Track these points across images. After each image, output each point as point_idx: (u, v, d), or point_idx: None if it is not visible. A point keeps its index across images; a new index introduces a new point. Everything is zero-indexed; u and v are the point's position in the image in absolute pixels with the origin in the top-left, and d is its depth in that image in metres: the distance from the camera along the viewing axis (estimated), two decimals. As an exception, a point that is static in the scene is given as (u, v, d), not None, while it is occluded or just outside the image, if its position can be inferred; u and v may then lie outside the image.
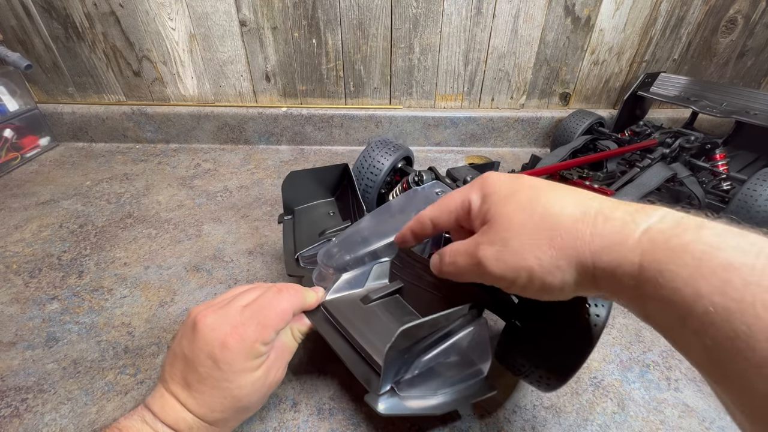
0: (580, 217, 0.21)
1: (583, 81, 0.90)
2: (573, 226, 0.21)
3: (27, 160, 0.81)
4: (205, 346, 0.28)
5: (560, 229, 0.21)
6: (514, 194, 0.24)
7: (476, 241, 0.25)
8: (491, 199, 0.25)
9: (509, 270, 0.23)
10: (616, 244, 0.19)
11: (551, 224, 0.21)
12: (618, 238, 0.19)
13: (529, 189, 0.24)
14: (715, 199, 0.62)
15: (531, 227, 0.22)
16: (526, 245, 0.22)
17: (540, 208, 0.22)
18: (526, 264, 0.22)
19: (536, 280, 0.22)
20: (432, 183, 0.49)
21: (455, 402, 0.33)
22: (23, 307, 0.48)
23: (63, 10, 0.76)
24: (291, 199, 0.51)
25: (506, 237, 0.23)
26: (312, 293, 0.36)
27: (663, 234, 0.18)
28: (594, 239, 0.20)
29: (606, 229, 0.20)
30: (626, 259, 0.19)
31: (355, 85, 0.87)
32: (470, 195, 0.27)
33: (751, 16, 0.83)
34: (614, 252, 0.19)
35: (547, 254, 0.21)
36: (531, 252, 0.22)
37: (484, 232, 0.25)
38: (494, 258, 0.23)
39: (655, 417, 0.38)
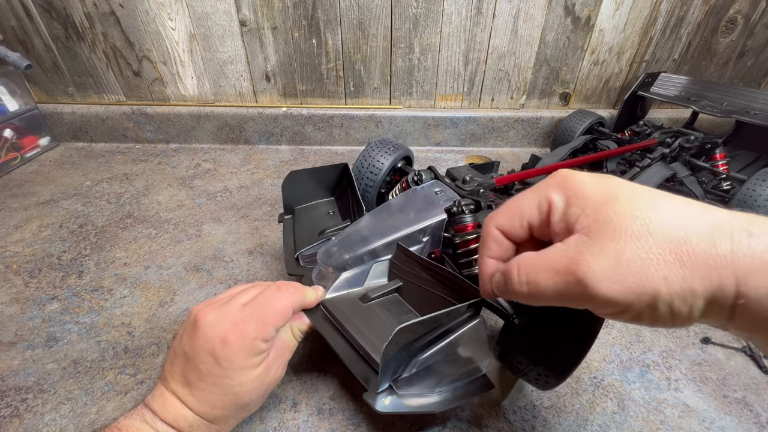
0: (710, 232, 0.17)
1: (583, 81, 0.90)
2: (706, 241, 0.17)
3: (27, 160, 0.81)
4: (205, 343, 0.28)
5: (689, 244, 0.17)
6: (615, 198, 0.19)
7: (570, 255, 0.19)
8: (584, 203, 0.20)
9: (626, 292, 0.18)
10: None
11: (676, 239, 0.17)
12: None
13: (630, 191, 0.20)
14: (715, 199, 0.62)
15: (648, 240, 0.18)
16: (648, 263, 0.17)
17: (654, 218, 0.18)
18: (649, 285, 0.17)
19: (661, 306, 0.18)
20: (431, 182, 0.49)
21: (453, 400, 0.33)
22: (23, 307, 0.48)
23: (63, 10, 0.76)
24: (291, 199, 0.51)
25: (619, 249, 0.18)
26: (312, 291, 0.36)
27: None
28: (736, 258, 0.16)
29: (752, 247, 0.16)
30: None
31: (355, 85, 0.87)
32: (550, 195, 0.22)
33: (751, 16, 0.83)
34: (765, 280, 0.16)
35: (677, 274, 0.17)
36: (656, 271, 0.17)
37: (581, 242, 0.19)
38: (604, 276, 0.18)
39: (655, 417, 0.38)
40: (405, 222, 0.41)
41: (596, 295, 0.19)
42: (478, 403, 0.38)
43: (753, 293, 0.16)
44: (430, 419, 0.37)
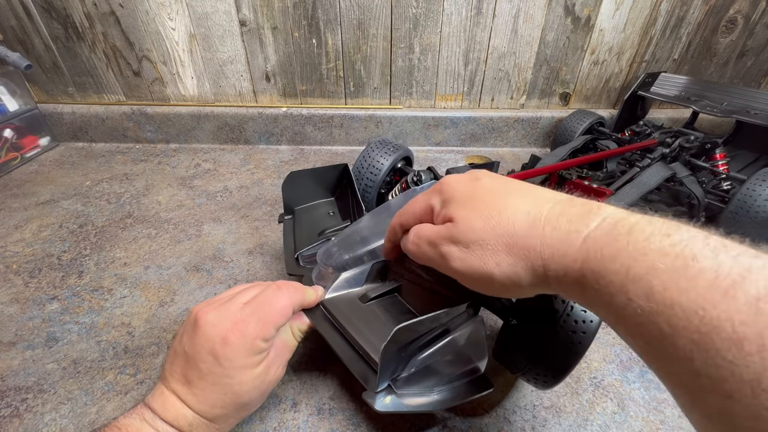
0: (531, 225, 0.23)
1: (583, 81, 0.90)
2: (526, 234, 0.22)
3: (27, 160, 0.81)
4: (206, 342, 0.28)
5: (515, 236, 0.23)
6: (473, 198, 0.26)
7: (440, 234, 0.26)
8: (451, 204, 0.27)
9: (471, 271, 0.25)
10: (560, 254, 0.21)
11: (507, 231, 0.23)
12: (562, 247, 0.21)
13: (486, 193, 0.26)
14: (715, 199, 0.62)
15: (489, 233, 0.24)
16: (486, 251, 0.24)
17: (496, 214, 0.24)
18: (486, 268, 0.24)
19: (496, 282, 0.24)
20: (431, 183, 0.49)
21: (452, 399, 0.33)
22: (23, 307, 0.48)
23: (63, 10, 0.76)
24: (291, 199, 0.51)
25: (468, 239, 0.24)
26: (311, 291, 0.36)
27: (597, 242, 0.20)
28: (543, 249, 0.22)
29: (552, 238, 0.21)
30: (570, 267, 0.20)
31: (355, 85, 0.87)
32: (431, 200, 0.29)
33: (751, 16, 0.83)
34: (559, 261, 0.21)
35: (505, 261, 0.23)
36: (491, 258, 0.23)
37: (448, 228, 0.26)
38: (458, 257, 0.25)
39: (655, 417, 0.38)
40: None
41: (452, 268, 0.26)
42: (477, 403, 0.38)
43: (552, 273, 0.21)
44: (430, 419, 0.37)
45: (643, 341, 0.18)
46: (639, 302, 0.17)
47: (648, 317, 0.17)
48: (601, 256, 0.19)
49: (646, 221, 0.19)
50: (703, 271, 0.16)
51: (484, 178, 0.27)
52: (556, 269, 0.21)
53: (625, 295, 0.18)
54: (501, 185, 0.27)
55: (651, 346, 0.17)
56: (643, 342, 0.18)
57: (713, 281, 0.16)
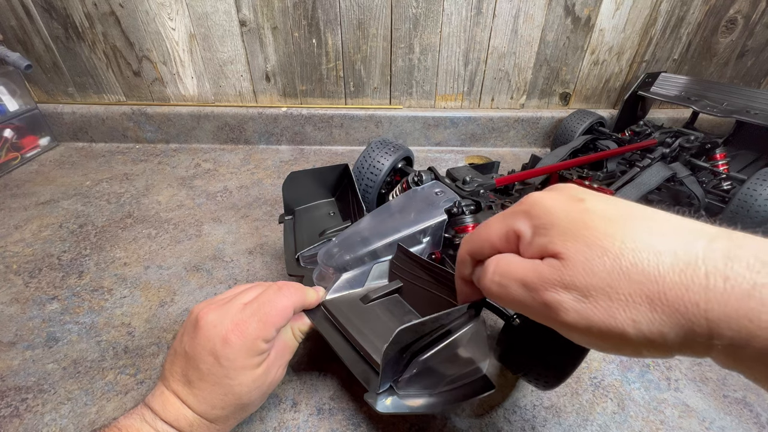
0: (685, 271, 0.16)
1: (583, 81, 0.90)
2: (678, 283, 0.16)
3: (27, 160, 0.81)
4: (206, 342, 0.28)
5: (662, 285, 0.17)
6: (584, 228, 0.19)
7: (542, 276, 0.20)
8: (551, 233, 0.20)
9: (593, 328, 0.18)
10: (743, 317, 0.15)
11: (648, 278, 0.17)
12: (747, 307, 0.15)
13: (601, 221, 0.19)
14: (715, 199, 0.62)
15: (619, 278, 0.17)
16: (617, 303, 0.17)
17: (627, 252, 0.18)
18: (617, 326, 0.18)
19: (629, 342, 0.18)
20: (431, 183, 0.49)
21: (454, 400, 0.33)
22: (23, 307, 0.48)
23: (63, 10, 0.76)
24: (292, 200, 0.51)
25: (587, 285, 0.18)
26: (312, 292, 0.36)
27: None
28: (711, 305, 0.16)
29: (728, 293, 0.15)
30: (756, 339, 0.15)
31: (355, 85, 0.87)
32: (516, 225, 0.22)
33: (751, 16, 0.83)
34: (742, 326, 0.15)
35: (646, 317, 0.17)
36: (625, 312, 0.17)
37: (553, 266, 0.19)
38: (572, 309, 0.19)
39: (655, 417, 0.38)
40: (405, 223, 0.41)
41: (562, 322, 0.19)
42: (478, 403, 0.38)
43: (726, 340, 0.16)
44: (430, 419, 0.37)
45: None
46: None
47: None
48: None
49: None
50: None
51: (590, 199, 0.20)
52: (733, 336, 0.15)
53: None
54: (619, 210, 0.20)
55: None
56: None
57: None
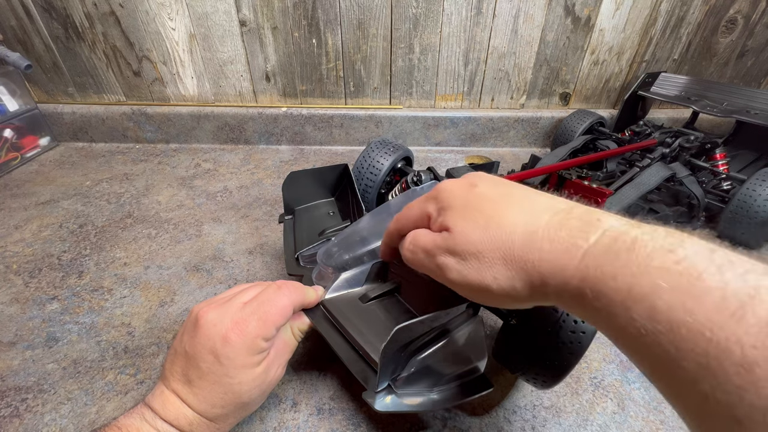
0: (528, 238, 0.22)
1: (583, 81, 0.90)
2: (523, 247, 0.22)
3: (27, 160, 0.81)
4: (207, 341, 0.28)
5: (513, 249, 0.22)
6: (470, 207, 0.25)
7: (437, 244, 0.26)
8: (447, 213, 0.26)
9: (468, 283, 0.24)
10: (558, 269, 0.20)
11: (505, 244, 0.23)
12: (561, 262, 0.20)
13: (483, 201, 0.25)
14: (715, 199, 0.62)
15: (487, 245, 0.23)
16: (483, 264, 0.23)
17: (493, 225, 0.23)
18: (484, 281, 0.23)
19: (493, 294, 0.23)
20: (430, 183, 0.49)
21: (452, 399, 0.33)
22: (23, 307, 0.48)
23: (63, 10, 0.76)
24: (291, 199, 0.51)
25: (465, 251, 0.24)
26: (312, 291, 0.36)
27: (597, 259, 0.19)
28: (541, 264, 0.21)
29: (550, 252, 0.21)
30: (568, 283, 0.20)
31: (355, 85, 0.87)
32: (428, 206, 0.28)
33: (751, 16, 0.83)
34: (558, 277, 0.20)
35: (503, 274, 0.23)
36: (489, 271, 0.23)
37: (444, 237, 0.26)
38: (455, 269, 0.25)
39: (655, 417, 0.38)
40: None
41: (447, 280, 0.25)
42: (477, 402, 0.38)
43: (551, 288, 0.21)
44: (430, 419, 0.37)
45: (648, 361, 0.17)
46: (642, 322, 0.17)
47: (652, 338, 0.16)
48: (602, 273, 0.18)
49: (648, 235, 0.18)
50: (710, 291, 0.15)
51: (481, 185, 0.27)
52: (555, 284, 0.21)
53: (627, 314, 0.17)
54: (499, 193, 0.26)
55: (655, 366, 0.17)
56: (647, 362, 0.18)
57: (720, 302, 0.15)
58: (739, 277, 0.15)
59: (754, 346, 0.14)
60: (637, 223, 0.20)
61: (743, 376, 0.14)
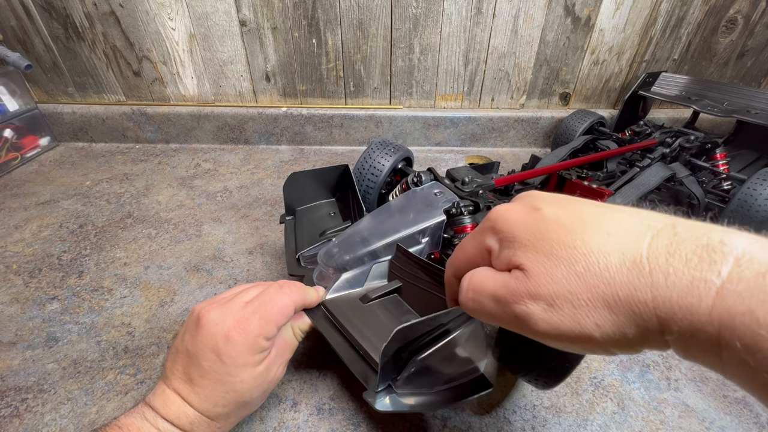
0: (632, 273, 0.17)
1: (583, 81, 0.90)
2: (628, 284, 0.17)
3: (27, 160, 0.81)
4: (209, 340, 0.28)
5: (614, 287, 0.18)
6: (541, 237, 0.20)
7: (510, 289, 0.21)
8: (514, 245, 0.21)
9: (563, 333, 0.19)
10: (685, 312, 0.16)
11: (602, 281, 0.18)
12: (686, 303, 0.16)
13: (555, 228, 0.20)
14: (715, 199, 0.62)
15: (579, 285, 0.18)
16: (579, 309, 0.18)
17: (580, 257, 0.19)
18: (585, 331, 0.19)
19: (596, 345, 0.19)
20: (431, 184, 0.49)
21: (452, 399, 0.33)
22: (23, 307, 0.48)
23: (63, 10, 0.76)
24: (292, 200, 0.51)
25: (551, 295, 0.19)
26: (313, 291, 0.36)
27: (744, 301, 0.15)
28: (658, 305, 0.17)
29: (669, 289, 0.16)
30: (701, 331, 0.16)
31: (355, 85, 0.87)
32: (486, 241, 0.23)
33: (751, 16, 0.83)
34: (684, 322, 0.16)
35: (607, 320, 0.18)
36: (588, 317, 0.18)
37: (518, 279, 0.20)
38: (542, 319, 0.19)
39: (655, 417, 0.38)
40: (405, 223, 0.41)
41: (534, 332, 0.20)
42: (478, 403, 0.38)
43: (675, 335, 0.16)
44: (430, 419, 0.37)
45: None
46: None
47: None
48: (756, 322, 0.15)
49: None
50: None
51: (545, 207, 0.22)
52: (681, 331, 0.16)
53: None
54: (571, 214, 0.21)
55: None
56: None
57: None
58: None
59: None
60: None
61: None
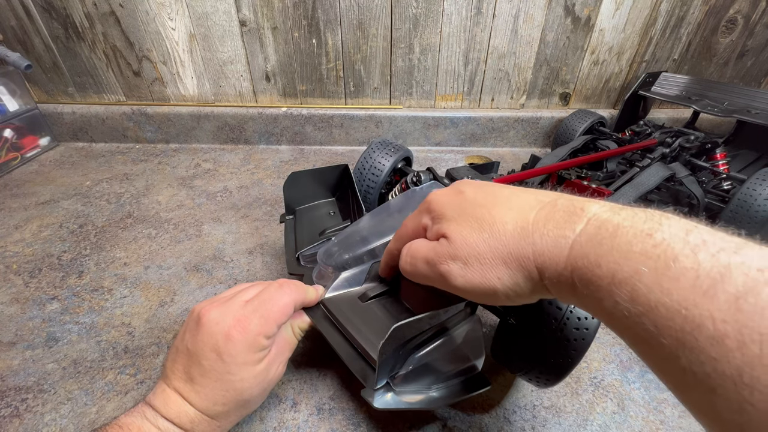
0: (520, 235, 0.23)
1: (583, 81, 0.90)
2: (517, 244, 0.23)
3: (27, 160, 0.81)
4: (209, 339, 0.29)
5: (508, 247, 0.23)
6: (462, 212, 0.26)
7: (436, 251, 0.26)
8: (442, 221, 0.27)
9: (475, 287, 0.24)
10: (552, 262, 0.21)
11: (500, 243, 0.23)
12: (552, 255, 0.21)
13: (473, 205, 0.26)
14: (715, 199, 0.62)
15: (484, 247, 0.24)
16: (485, 266, 0.24)
17: (487, 227, 0.24)
18: (489, 284, 0.24)
19: (500, 294, 0.24)
20: (430, 183, 0.49)
21: (449, 397, 0.33)
22: (23, 307, 0.48)
23: (63, 10, 0.76)
24: (292, 199, 0.51)
25: (465, 256, 0.24)
26: (312, 290, 0.36)
27: (583, 248, 0.20)
28: (536, 257, 0.22)
29: (542, 246, 0.22)
30: (561, 274, 0.21)
31: (355, 85, 0.87)
32: (422, 219, 0.29)
33: (751, 16, 0.83)
34: (552, 269, 0.21)
35: (505, 273, 0.23)
36: (491, 272, 0.23)
37: (443, 245, 0.26)
38: (459, 275, 0.25)
39: (655, 417, 0.38)
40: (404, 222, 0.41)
41: (453, 287, 0.25)
42: (477, 402, 0.38)
43: (547, 281, 0.22)
44: (429, 419, 0.37)
45: (634, 341, 0.19)
46: (625, 305, 0.18)
47: (635, 319, 0.17)
48: (588, 262, 0.19)
49: (629, 221, 0.19)
50: (684, 272, 0.16)
51: (467, 190, 0.27)
52: (550, 277, 0.21)
53: (612, 299, 0.18)
54: (486, 195, 0.26)
55: (641, 345, 0.18)
56: (633, 341, 0.19)
57: (694, 281, 0.16)
58: (711, 257, 0.16)
59: (724, 320, 0.15)
60: (620, 208, 0.21)
61: (715, 348, 0.15)
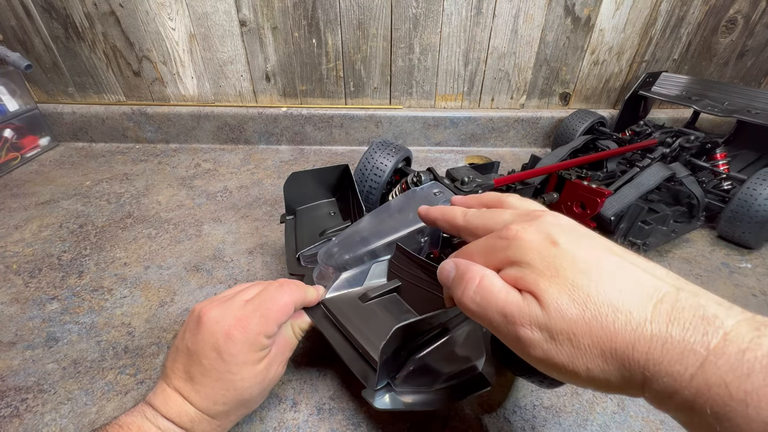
0: (634, 334, 0.18)
1: (583, 81, 0.90)
2: (628, 343, 0.18)
3: (27, 160, 0.81)
4: (209, 338, 0.29)
5: (615, 341, 0.19)
6: (558, 273, 0.21)
7: (521, 311, 0.21)
8: (526, 270, 0.22)
9: (554, 364, 0.21)
10: (670, 378, 0.17)
11: (606, 334, 0.19)
12: (673, 369, 0.17)
13: (573, 270, 0.21)
14: (715, 199, 0.62)
15: (584, 330, 0.19)
16: (578, 351, 0.20)
17: (592, 306, 0.20)
18: (574, 369, 0.20)
19: (580, 380, 0.20)
20: (430, 183, 0.49)
21: (450, 398, 0.33)
22: (23, 307, 0.48)
23: (63, 10, 0.76)
24: (293, 200, 0.51)
25: (557, 329, 0.20)
26: (312, 290, 0.36)
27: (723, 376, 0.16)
28: (648, 365, 0.18)
29: (661, 355, 0.18)
30: (678, 393, 0.17)
31: (355, 85, 0.87)
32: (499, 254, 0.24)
33: (751, 16, 0.83)
34: (666, 383, 0.17)
35: (598, 366, 0.19)
36: (581, 359, 0.20)
37: (530, 305, 0.21)
38: (541, 348, 0.21)
39: (655, 417, 0.38)
40: (404, 223, 0.41)
41: (528, 355, 0.21)
42: (477, 402, 0.38)
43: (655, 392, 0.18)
44: (430, 419, 0.37)
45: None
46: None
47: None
48: (729, 396, 0.16)
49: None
50: None
51: (563, 242, 0.22)
52: (660, 390, 0.18)
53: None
54: (587, 258, 0.21)
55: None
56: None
57: None
58: None
59: None
60: (763, 321, 0.17)
61: None
